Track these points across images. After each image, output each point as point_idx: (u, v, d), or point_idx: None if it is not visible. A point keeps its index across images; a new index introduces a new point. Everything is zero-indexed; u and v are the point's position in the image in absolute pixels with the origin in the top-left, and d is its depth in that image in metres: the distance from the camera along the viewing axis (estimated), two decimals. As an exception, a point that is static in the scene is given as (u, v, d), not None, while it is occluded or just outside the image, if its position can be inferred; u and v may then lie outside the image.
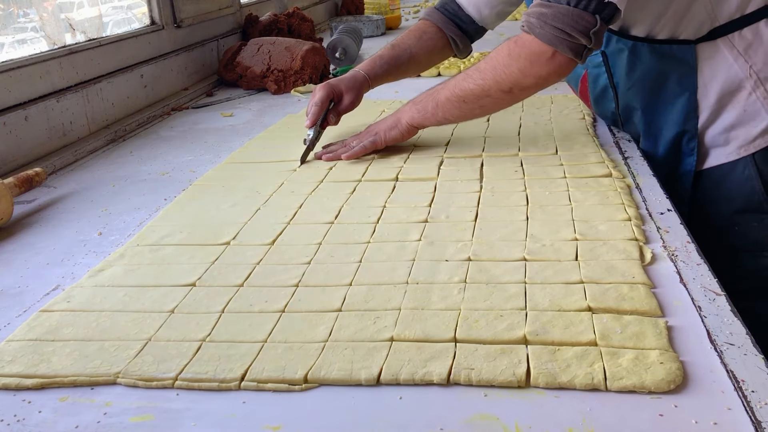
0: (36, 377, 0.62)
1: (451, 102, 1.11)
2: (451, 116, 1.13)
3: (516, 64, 1.02)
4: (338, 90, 1.25)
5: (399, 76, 1.34)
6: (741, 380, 0.56)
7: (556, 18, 0.96)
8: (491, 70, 1.05)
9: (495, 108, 1.12)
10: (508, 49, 1.03)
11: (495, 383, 0.58)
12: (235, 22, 2.27)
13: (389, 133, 1.18)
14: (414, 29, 1.36)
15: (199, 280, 0.79)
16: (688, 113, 1.10)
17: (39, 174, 1.13)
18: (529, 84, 1.03)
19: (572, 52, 0.97)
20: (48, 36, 1.50)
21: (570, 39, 0.96)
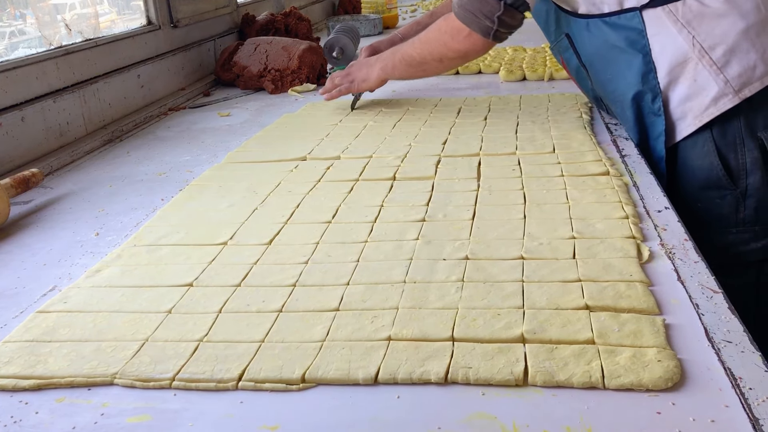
0: (33, 378, 0.62)
1: (402, 64, 1.38)
2: (404, 75, 1.43)
3: (442, 38, 1.27)
4: (378, 50, 1.53)
5: None
6: (738, 377, 0.56)
7: (468, 2, 1.19)
8: (426, 42, 1.31)
9: (434, 72, 1.41)
10: (439, 25, 1.28)
11: (492, 382, 0.58)
12: (232, 21, 2.27)
13: (361, 85, 1.47)
14: (439, 12, 1.59)
15: (196, 280, 0.79)
16: (644, 74, 1.13)
17: (36, 175, 1.12)
18: (453, 56, 1.29)
19: (481, 32, 1.20)
20: (44, 36, 1.49)
21: (479, 20, 1.18)
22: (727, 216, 1.10)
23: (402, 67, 1.38)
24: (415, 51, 1.33)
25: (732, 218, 1.10)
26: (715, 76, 1.07)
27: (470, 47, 1.24)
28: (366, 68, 1.45)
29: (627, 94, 1.16)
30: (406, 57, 1.36)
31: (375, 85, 1.46)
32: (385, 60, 1.42)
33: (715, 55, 1.07)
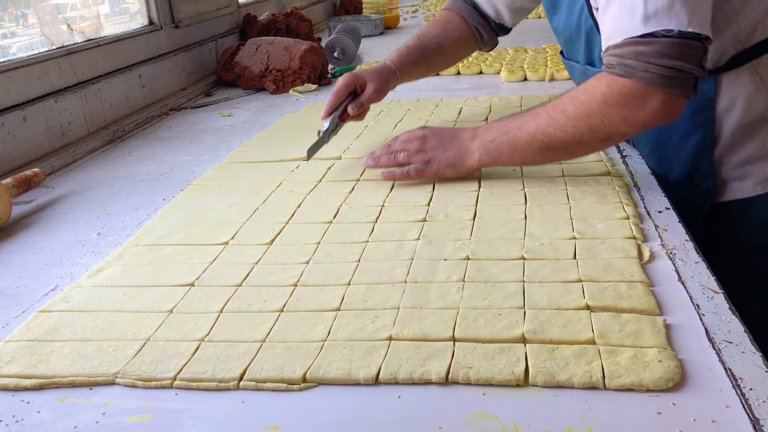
0: (34, 377, 0.62)
1: (532, 148, 0.95)
2: (531, 161, 0.99)
3: (617, 112, 0.88)
4: (361, 80, 1.17)
5: (428, 67, 1.31)
6: (739, 378, 0.56)
7: (662, 55, 0.83)
8: (584, 118, 0.90)
9: (586, 153, 0.99)
10: (603, 95, 0.88)
11: (493, 382, 0.58)
12: (233, 22, 2.27)
13: (445, 169, 1.01)
14: (438, 19, 1.32)
15: (198, 280, 0.79)
16: (701, 151, 0.98)
17: (37, 174, 1.13)
18: (633, 131, 0.92)
19: (684, 89, 0.85)
20: (46, 36, 1.49)
21: (682, 75, 0.84)
22: None
23: (533, 151, 0.95)
24: (562, 131, 0.92)
25: None
26: None
27: (666, 113, 0.86)
28: (455, 147, 1.00)
29: (677, 169, 1.01)
30: (545, 139, 0.93)
31: (465, 173, 1.01)
32: (486, 142, 0.98)
33: None
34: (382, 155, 1.04)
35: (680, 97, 0.86)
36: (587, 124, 0.90)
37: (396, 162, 1.02)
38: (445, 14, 1.32)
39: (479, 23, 1.29)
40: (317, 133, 1.12)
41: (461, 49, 1.34)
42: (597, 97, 0.89)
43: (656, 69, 0.83)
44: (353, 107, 1.15)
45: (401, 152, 1.02)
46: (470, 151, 0.99)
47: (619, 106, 0.87)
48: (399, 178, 1.02)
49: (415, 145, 1.02)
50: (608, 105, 0.88)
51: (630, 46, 0.85)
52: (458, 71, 1.90)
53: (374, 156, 1.05)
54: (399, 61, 1.22)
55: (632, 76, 0.85)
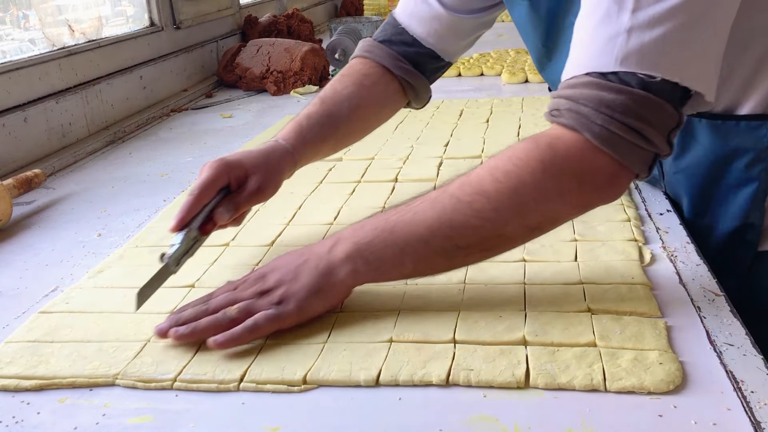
0: (35, 378, 0.62)
1: (431, 246, 0.65)
2: (428, 267, 0.68)
3: (556, 186, 0.62)
4: (239, 170, 0.79)
5: (337, 142, 0.93)
6: (740, 381, 0.56)
7: (628, 110, 0.59)
8: (511, 196, 0.62)
9: (502, 251, 0.67)
10: (541, 160, 0.62)
11: (494, 384, 0.58)
12: (234, 23, 2.27)
13: (308, 302, 0.66)
14: (349, 73, 0.95)
15: (198, 281, 0.79)
16: (754, 205, 0.83)
17: (38, 175, 1.13)
18: (569, 215, 0.66)
19: (641, 164, 0.62)
20: (47, 37, 1.50)
21: (646, 145, 0.61)
22: None
23: (427, 252, 0.65)
24: (475, 215, 0.63)
25: None
26: None
27: (612, 194, 0.65)
28: (312, 268, 0.67)
29: (723, 225, 0.86)
30: (447, 231, 0.64)
31: (337, 298, 0.69)
32: (365, 248, 0.66)
33: None
34: (200, 316, 0.66)
35: (631, 174, 0.63)
36: (515, 205, 0.63)
37: (228, 321, 0.65)
38: (359, 65, 0.96)
39: (408, 73, 0.95)
40: (160, 257, 0.71)
41: (386, 108, 0.99)
42: (532, 165, 0.62)
43: (618, 128, 0.60)
44: (224, 212, 0.76)
45: (231, 307, 0.66)
46: (336, 264, 0.66)
47: (561, 176, 0.62)
48: (243, 340, 0.64)
49: (251, 289, 0.68)
50: (546, 176, 0.62)
51: (590, 89, 0.61)
52: (459, 73, 1.90)
53: (182, 317, 0.66)
54: (298, 138, 0.86)
55: (585, 131, 0.60)
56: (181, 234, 0.72)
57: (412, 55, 0.96)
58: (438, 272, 0.70)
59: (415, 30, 0.95)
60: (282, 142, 0.84)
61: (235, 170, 0.78)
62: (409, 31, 0.95)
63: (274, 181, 0.82)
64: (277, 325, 0.65)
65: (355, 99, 0.92)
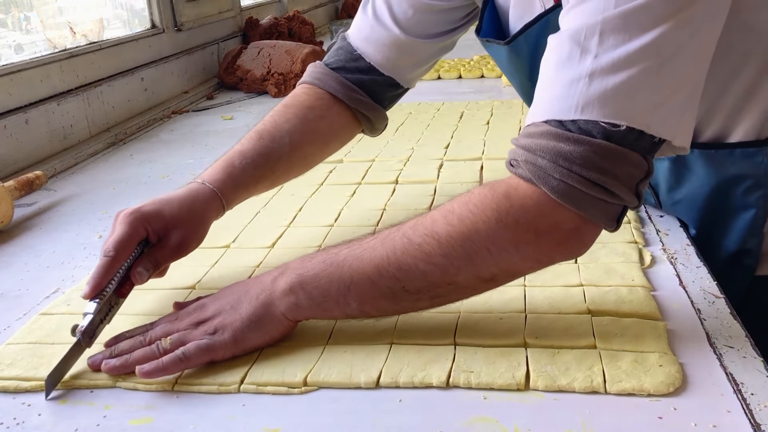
0: (36, 380, 0.62)
1: (377, 287, 0.61)
2: (372, 309, 0.63)
3: (511, 237, 0.58)
4: (158, 222, 0.71)
5: (275, 181, 0.86)
6: (740, 383, 0.56)
7: (588, 163, 0.55)
8: (464, 243, 0.59)
9: (455, 300, 0.64)
10: (497, 210, 0.58)
11: (494, 386, 0.58)
12: (235, 25, 2.28)
13: (244, 333, 0.63)
14: (293, 104, 0.89)
15: (199, 283, 0.79)
16: (752, 231, 0.81)
17: (39, 177, 1.13)
18: (528, 269, 0.62)
19: (607, 218, 0.58)
20: (49, 39, 1.50)
21: (608, 198, 0.57)
22: None
23: (373, 292, 0.61)
24: (426, 261, 0.60)
25: None
26: None
27: (573, 249, 0.60)
28: (252, 298, 0.64)
29: (721, 251, 0.85)
30: (395, 272, 0.60)
31: (277, 331, 0.65)
32: (308, 282, 0.63)
33: None
34: (135, 347, 0.64)
35: (597, 228, 0.59)
36: (466, 253, 0.59)
37: (161, 352, 0.62)
38: (305, 95, 0.90)
39: (363, 104, 0.89)
40: (72, 330, 0.64)
41: (331, 143, 0.92)
42: (487, 214, 0.58)
43: (577, 182, 0.55)
44: (143, 272, 0.69)
45: (165, 338, 0.63)
46: (277, 296, 0.63)
47: (516, 228, 0.58)
48: (172, 370, 0.61)
49: (188, 319, 0.65)
50: (500, 225, 0.58)
51: (548, 139, 0.57)
52: (460, 75, 1.90)
53: (116, 348, 0.64)
54: (227, 181, 0.78)
55: (542, 185, 0.56)
56: (95, 302, 0.65)
57: (367, 83, 0.89)
58: (385, 315, 0.65)
59: (371, 56, 0.88)
60: (208, 185, 0.77)
61: (153, 223, 0.71)
62: (365, 57, 0.88)
63: (199, 232, 0.75)
64: (209, 355, 0.62)
65: (297, 134, 0.85)
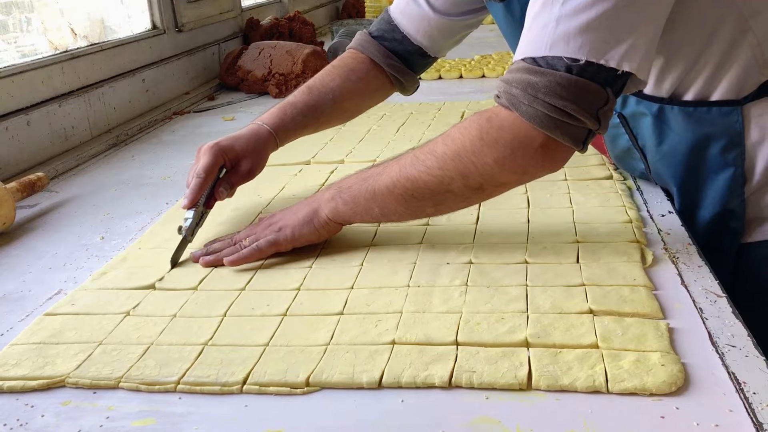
0: (42, 379, 0.63)
1: (393, 195, 0.78)
2: (391, 213, 0.80)
3: (491, 152, 0.71)
4: (232, 153, 0.92)
5: (318, 127, 1.05)
6: (743, 382, 0.56)
7: (551, 91, 0.67)
8: (454, 158, 0.74)
9: (455, 207, 0.80)
10: (480, 130, 0.72)
11: (496, 386, 0.58)
12: (236, 26, 2.28)
13: (299, 229, 0.83)
14: (340, 65, 1.05)
15: (201, 283, 0.79)
16: (732, 190, 0.86)
17: (41, 179, 1.13)
18: (508, 180, 0.75)
19: (571, 138, 0.70)
20: (50, 41, 1.50)
21: (570, 121, 0.68)
22: None
23: (393, 199, 0.78)
24: (428, 173, 0.75)
25: None
26: None
27: (543, 163, 0.72)
28: (308, 206, 0.85)
29: (705, 211, 0.90)
30: (405, 183, 0.77)
31: (324, 229, 0.84)
32: (342, 191, 0.82)
33: None
34: (224, 247, 0.85)
35: (566, 148, 0.71)
36: (456, 166, 0.73)
37: (243, 249, 0.83)
38: (350, 60, 1.06)
39: (398, 70, 1.05)
40: (178, 229, 0.87)
41: (368, 100, 1.09)
42: (472, 134, 0.73)
43: (542, 107, 0.68)
44: (223, 191, 0.92)
45: (246, 238, 0.84)
46: (323, 202, 0.83)
47: (495, 145, 0.71)
48: (249, 258, 0.82)
49: (262, 225, 0.86)
50: (483, 143, 0.72)
51: (522, 73, 0.70)
52: (461, 75, 1.90)
53: (210, 249, 0.86)
54: (280, 124, 0.97)
55: (515, 109, 0.69)
56: (192, 210, 0.88)
57: (401, 51, 1.05)
58: (401, 219, 0.82)
59: (405, 27, 1.03)
60: (266, 126, 0.96)
61: (228, 154, 0.92)
62: (400, 28, 1.04)
63: (261, 162, 0.96)
64: (275, 247, 0.83)
65: (339, 92, 1.02)
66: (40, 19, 1.54)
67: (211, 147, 0.91)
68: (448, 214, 0.85)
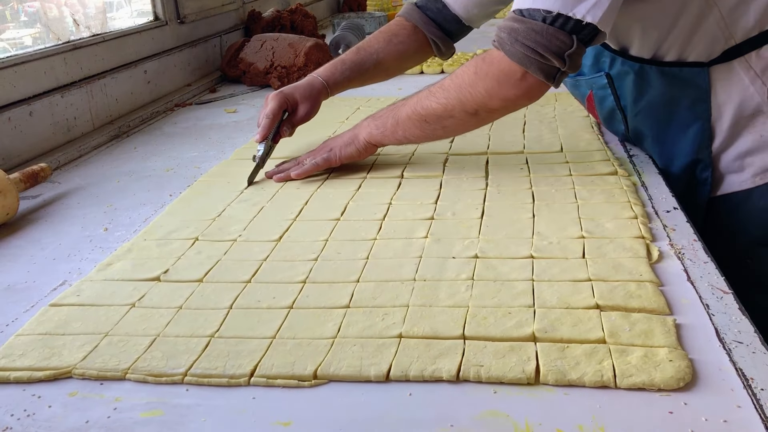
0: (48, 369, 0.63)
1: (411, 120, 1.01)
2: (411, 136, 1.04)
3: (482, 83, 0.92)
4: (293, 99, 1.15)
5: (363, 82, 1.25)
6: (750, 378, 0.56)
7: (528, 35, 0.86)
8: (456, 89, 0.95)
9: (459, 130, 1.04)
10: (475, 67, 0.94)
11: (504, 380, 0.58)
12: (238, 18, 2.27)
13: (345, 149, 1.09)
14: (385, 30, 1.25)
15: (207, 275, 0.79)
16: (701, 142, 1.01)
17: (44, 169, 1.13)
18: (496, 106, 0.94)
19: (543, 74, 0.88)
20: (53, 31, 1.49)
21: (542, 60, 0.87)
22: None
23: (411, 124, 1.02)
24: (436, 102, 0.98)
25: None
26: None
27: (522, 93, 0.91)
28: (352, 132, 1.11)
29: (678, 161, 1.04)
30: (422, 111, 0.99)
31: (363, 149, 1.09)
32: (376, 119, 1.07)
33: None
34: (290, 166, 1.12)
35: (539, 82, 0.89)
36: (457, 96, 0.96)
37: (299, 163, 1.11)
38: (395, 26, 1.25)
39: (437, 36, 1.22)
40: (252, 158, 1.12)
41: (407, 61, 1.28)
42: (470, 69, 0.95)
43: (521, 48, 0.87)
44: (287, 130, 1.16)
45: (307, 159, 1.11)
46: (363, 129, 1.09)
47: (486, 77, 0.92)
48: (310, 171, 1.09)
49: (318, 149, 1.13)
50: (477, 76, 0.93)
51: (509, 21, 0.89)
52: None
53: (281, 167, 1.13)
54: (331, 77, 1.19)
55: (502, 49, 0.90)
56: (263, 144, 1.12)
57: (441, 19, 1.22)
58: (418, 140, 1.07)
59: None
60: (320, 78, 1.18)
61: (290, 100, 1.15)
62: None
63: (316, 107, 1.18)
64: (328, 162, 1.09)
65: (381, 54, 1.22)
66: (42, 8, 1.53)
67: (277, 94, 1.14)
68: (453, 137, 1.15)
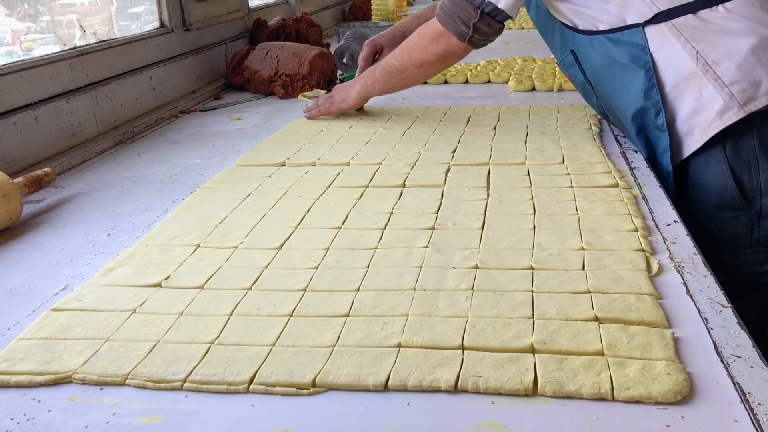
0: (49, 374, 0.63)
1: (382, 76, 1.39)
2: (384, 88, 1.43)
3: (421, 41, 1.29)
4: (380, 46, 1.57)
5: None
6: (747, 392, 0.56)
7: (450, 7, 1.21)
8: (407, 48, 1.33)
9: (414, 81, 1.40)
10: (420, 30, 1.30)
11: (502, 391, 0.58)
12: (243, 26, 2.28)
13: (341, 104, 1.49)
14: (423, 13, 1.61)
15: (208, 282, 0.79)
16: (647, 90, 1.13)
17: (48, 174, 1.13)
18: (432, 60, 1.29)
19: (458, 36, 1.22)
20: (59, 37, 1.50)
21: (456, 24, 1.21)
22: (741, 237, 1.08)
23: (382, 79, 1.39)
24: (395, 60, 1.35)
25: (746, 239, 1.08)
26: (719, 89, 1.07)
27: (447, 50, 1.26)
28: (346, 89, 1.48)
29: (629, 110, 1.17)
30: (387, 68, 1.37)
31: (355, 103, 1.48)
32: (365, 77, 1.44)
33: (720, 69, 1.07)
34: (315, 106, 1.53)
35: (457, 42, 1.24)
36: (409, 53, 1.32)
37: (317, 105, 1.52)
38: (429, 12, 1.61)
39: None
40: None
41: None
42: (419, 33, 1.30)
43: (444, 14, 1.22)
44: None
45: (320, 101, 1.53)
46: (353, 88, 1.47)
47: (424, 36, 1.29)
48: (322, 112, 1.51)
49: (330, 94, 1.53)
50: (419, 36, 1.30)
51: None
52: (467, 80, 1.91)
53: (310, 108, 1.54)
54: (410, 28, 1.51)
55: (436, 16, 1.25)
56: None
57: None
58: (389, 91, 1.46)
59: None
60: (400, 27, 1.59)
61: (377, 46, 1.58)
62: None
63: None
64: (337, 105, 1.50)
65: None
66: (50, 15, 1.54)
67: (369, 42, 1.58)
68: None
